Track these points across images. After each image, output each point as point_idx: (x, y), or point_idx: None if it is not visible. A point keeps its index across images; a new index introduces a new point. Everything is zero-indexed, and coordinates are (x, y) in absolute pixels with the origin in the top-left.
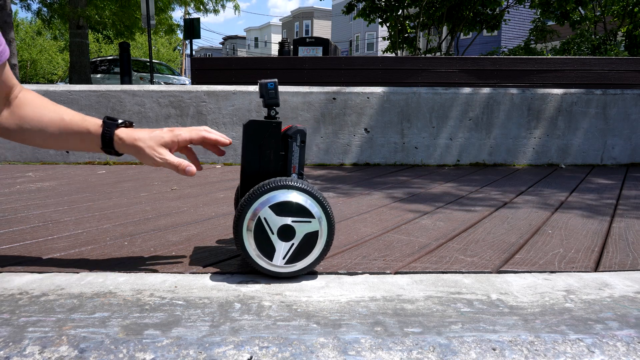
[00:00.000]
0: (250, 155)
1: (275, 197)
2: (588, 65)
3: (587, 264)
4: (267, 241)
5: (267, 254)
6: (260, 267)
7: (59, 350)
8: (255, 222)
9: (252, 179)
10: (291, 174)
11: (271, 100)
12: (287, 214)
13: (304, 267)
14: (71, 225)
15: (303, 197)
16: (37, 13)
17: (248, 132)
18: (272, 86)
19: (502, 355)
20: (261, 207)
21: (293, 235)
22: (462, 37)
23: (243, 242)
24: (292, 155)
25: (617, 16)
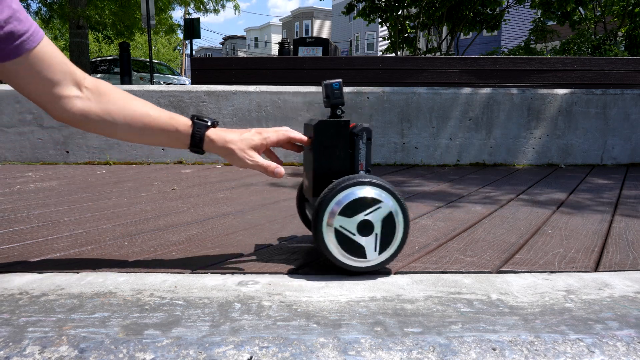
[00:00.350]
0: (321, 155)
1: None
2: (588, 65)
3: (587, 264)
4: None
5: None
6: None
7: (59, 350)
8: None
9: (323, 178)
10: (359, 171)
11: (337, 99)
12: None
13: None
14: (71, 225)
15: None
16: (36, 13)
17: (318, 133)
18: (337, 86)
19: (502, 355)
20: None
21: (372, 227)
22: (462, 37)
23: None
24: (358, 152)
25: (617, 16)
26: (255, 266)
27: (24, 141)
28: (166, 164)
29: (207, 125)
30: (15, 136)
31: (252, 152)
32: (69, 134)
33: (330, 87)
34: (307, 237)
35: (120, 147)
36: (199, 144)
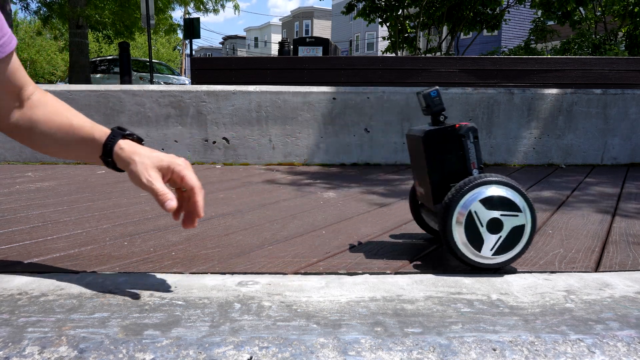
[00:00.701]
0: (435, 163)
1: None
2: (588, 65)
3: (588, 264)
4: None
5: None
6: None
7: (59, 350)
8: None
9: (441, 184)
10: (472, 170)
11: (437, 107)
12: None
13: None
14: (71, 225)
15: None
16: (36, 13)
17: (429, 143)
18: (436, 94)
19: (502, 355)
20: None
21: (501, 228)
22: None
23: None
24: (468, 152)
25: (618, 16)
26: (255, 266)
27: None
28: None
29: (124, 134)
30: None
31: (154, 172)
32: None
33: (429, 96)
34: (307, 236)
35: None
36: (109, 153)
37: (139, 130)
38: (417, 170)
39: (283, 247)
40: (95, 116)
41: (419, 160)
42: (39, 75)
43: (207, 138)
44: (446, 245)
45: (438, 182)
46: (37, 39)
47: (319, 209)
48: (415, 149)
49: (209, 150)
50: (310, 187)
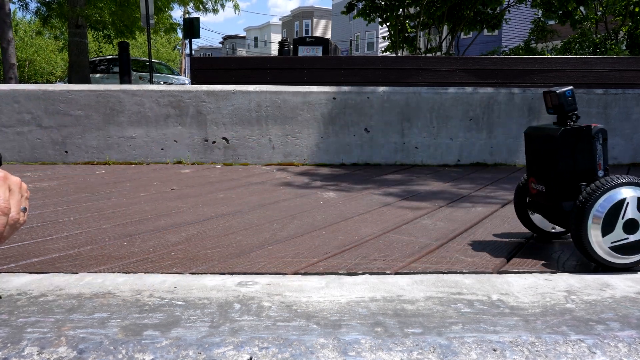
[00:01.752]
0: (566, 161)
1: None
2: (589, 64)
3: (588, 265)
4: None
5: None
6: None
7: (58, 351)
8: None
9: (568, 182)
10: (597, 171)
11: (571, 106)
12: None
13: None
14: (70, 225)
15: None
16: (35, 13)
17: (564, 140)
18: (570, 94)
19: (502, 355)
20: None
21: (635, 231)
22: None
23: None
24: (596, 153)
25: (619, 16)
26: (255, 266)
27: (22, 141)
28: (165, 164)
29: None
30: (13, 136)
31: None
32: (67, 134)
33: (564, 95)
34: (307, 236)
35: (120, 147)
36: None
37: (138, 130)
38: (540, 168)
39: (283, 247)
40: (95, 116)
41: (545, 157)
42: (38, 75)
43: (207, 138)
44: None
45: (567, 179)
46: (36, 38)
47: (319, 209)
48: (542, 146)
49: (208, 150)
50: (310, 187)
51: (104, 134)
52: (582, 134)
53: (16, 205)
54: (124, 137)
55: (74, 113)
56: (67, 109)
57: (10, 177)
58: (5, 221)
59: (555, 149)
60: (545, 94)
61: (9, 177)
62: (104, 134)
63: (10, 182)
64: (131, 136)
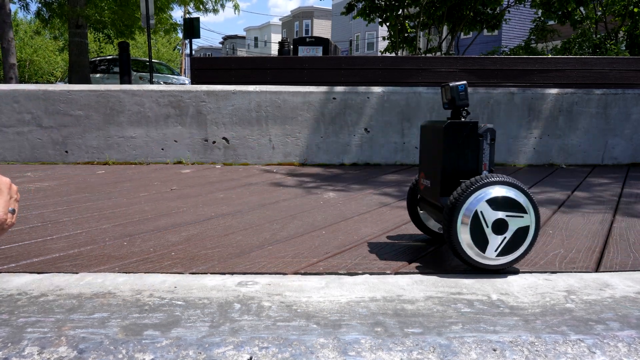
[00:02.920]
0: (450, 155)
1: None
2: (589, 64)
3: (588, 265)
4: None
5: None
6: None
7: (58, 351)
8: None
9: (451, 177)
10: (482, 171)
11: (462, 101)
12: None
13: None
14: (70, 225)
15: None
16: (36, 14)
17: (448, 134)
18: (463, 88)
19: (502, 355)
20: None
21: (506, 229)
22: (463, 36)
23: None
24: (482, 153)
25: (618, 16)
26: (255, 266)
27: (22, 141)
28: (165, 164)
29: None
30: (13, 136)
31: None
32: (68, 134)
33: (456, 89)
34: (307, 236)
35: (120, 147)
36: None
37: (138, 130)
38: (428, 162)
39: (283, 247)
40: (95, 116)
41: (433, 151)
42: (38, 75)
43: (207, 138)
44: (450, 245)
45: (449, 174)
46: (36, 38)
47: (319, 209)
48: (431, 139)
49: (208, 150)
50: (310, 187)
51: (104, 134)
52: (468, 130)
53: (4, 205)
54: (124, 137)
55: (74, 113)
56: (67, 109)
57: (0, 178)
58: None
59: (439, 142)
60: (441, 88)
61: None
62: (104, 134)
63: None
64: (131, 136)
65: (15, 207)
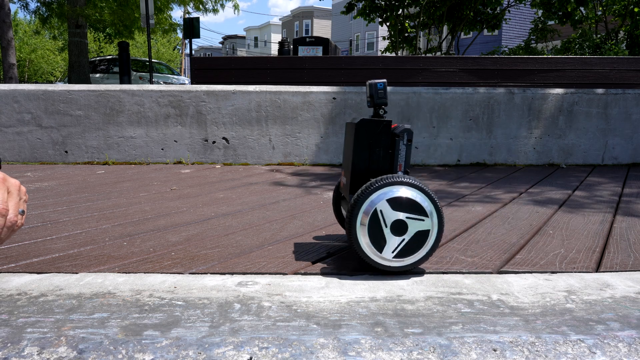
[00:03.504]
0: (361, 153)
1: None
2: (589, 64)
3: (588, 265)
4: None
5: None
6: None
7: (58, 351)
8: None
9: (362, 176)
10: (397, 171)
11: (380, 99)
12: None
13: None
14: (70, 225)
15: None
16: (35, 12)
17: (360, 131)
18: (382, 86)
19: (502, 356)
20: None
21: (405, 231)
22: (463, 36)
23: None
24: (398, 153)
25: (618, 16)
26: (255, 266)
27: (22, 141)
28: (165, 164)
29: None
30: (13, 136)
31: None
32: (67, 134)
33: (375, 86)
34: (307, 236)
35: (120, 147)
36: None
37: (138, 130)
38: (346, 159)
39: (283, 247)
40: (95, 116)
41: (349, 148)
42: (38, 75)
43: (207, 138)
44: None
45: (360, 172)
46: (36, 38)
47: (319, 209)
48: (348, 137)
49: (208, 150)
50: (310, 187)
51: (104, 134)
52: (381, 128)
53: (14, 207)
54: (124, 137)
55: (74, 113)
56: (67, 109)
57: (9, 180)
58: (3, 223)
59: (353, 139)
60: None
61: (7, 179)
62: (104, 134)
63: (9, 184)
64: (131, 136)
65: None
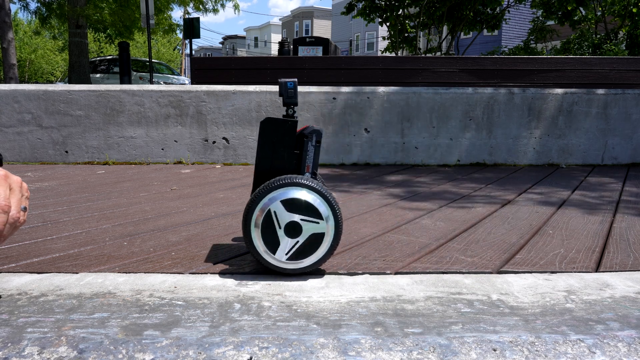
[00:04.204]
0: (265, 152)
1: (287, 193)
2: (589, 65)
3: (588, 264)
4: (273, 235)
5: (272, 248)
6: (264, 260)
7: (58, 351)
8: (264, 215)
9: (265, 175)
10: (304, 173)
11: (290, 99)
12: (296, 211)
13: (306, 266)
14: (70, 225)
15: (314, 196)
16: (35, 13)
17: (264, 130)
18: (292, 85)
19: (502, 355)
20: (272, 201)
21: (299, 233)
22: (463, 36)
23: (250, 235)
24: (306, 154)
25: (618, 16)
26: (255, 266)
27: (22, 141)
28: (165, 164)
29: None
30: (13, 136)
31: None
32: (68, 134)
33: (285, 85)
34: None
35: (120, 147)
36: None
37: (139, 130)
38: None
39: None
40: (95, 116)
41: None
42: (38, 75)
43: (207, 138)
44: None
45: (264, 171)
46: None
47: None
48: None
49: (208, 150)
50: None
51: (104, 134)
52: (286, 128)
53: (17, 204)
54: (124, 137)
55: (74, 113)
56: (67, 109)
57: (11, 176)
58: (6, 219)
59: (258, 137)
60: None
61: (9, 176)
62: (104, 134)
63: (11, 181)
64: (131, 136)
65: (27, 205)
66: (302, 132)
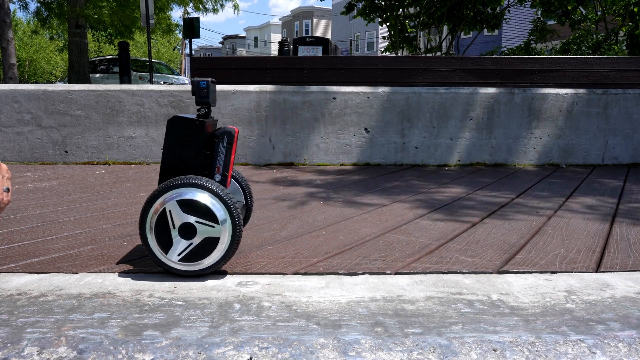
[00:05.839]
0: (170, 151)
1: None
2: (589, 65)
3: (589, 265)
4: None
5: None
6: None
7: (58, 351)
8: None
9: (169, 173)
10: (215, 174)
11: (202, 99)
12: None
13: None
14: (70, 225)
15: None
16: (35, 13)
17: (170, 128)
18: (204, 85)
19: (502, 356)
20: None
21: (194, 235)
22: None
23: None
24: (217, 155)
25: (619, 15)
26: (255, 266)
27: (22, 141)
28: None
29: None
30: (13, 136)
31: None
32: (67, 134)
33: (197, 85)
34: (307, 236)
35: (119, 147)
36: None
37: (138, 129)
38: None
39: (283, 247)
40: (95, 116)
41: None
42: (38, 75)
43: None
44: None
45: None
46: (36, 38)
47: (319, 209)
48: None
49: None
50: (310, 188)
51: (104, 133)
52: (192, 128)
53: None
54: (124, 137)
55: (74, 113)
56: (67, 109)
57: None
58: None
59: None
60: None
61: None
62: (104, 134)
63: None
64: (131, 136)
65: (9, 186)
66: (214, 132)
